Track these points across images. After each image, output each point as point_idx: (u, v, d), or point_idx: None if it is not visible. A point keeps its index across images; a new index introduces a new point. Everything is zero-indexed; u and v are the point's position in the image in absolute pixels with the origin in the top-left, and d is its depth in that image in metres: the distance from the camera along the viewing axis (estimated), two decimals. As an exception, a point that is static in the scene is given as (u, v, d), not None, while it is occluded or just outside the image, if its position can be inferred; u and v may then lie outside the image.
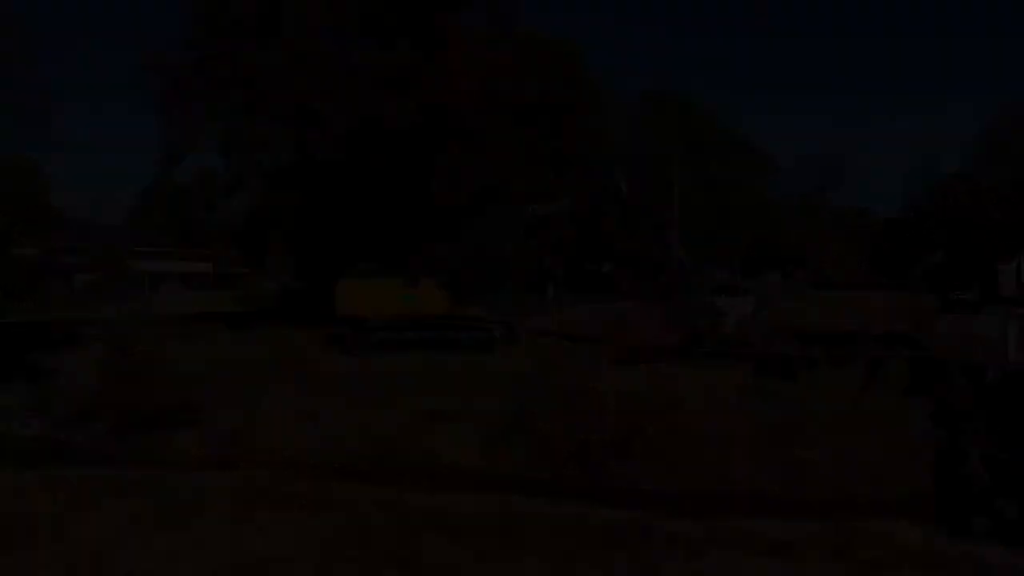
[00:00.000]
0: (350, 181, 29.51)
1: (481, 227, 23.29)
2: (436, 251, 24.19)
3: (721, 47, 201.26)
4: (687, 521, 7.96)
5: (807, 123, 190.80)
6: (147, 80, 25.82)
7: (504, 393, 19.30)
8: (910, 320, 25.52)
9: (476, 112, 29.45)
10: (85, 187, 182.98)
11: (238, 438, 19.11)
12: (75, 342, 25.02)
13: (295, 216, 32.39)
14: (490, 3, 29.72)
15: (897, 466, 15.45)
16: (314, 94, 25.05)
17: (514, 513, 7.98)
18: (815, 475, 15.26)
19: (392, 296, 23.42)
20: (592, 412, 18.14)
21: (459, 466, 17.14)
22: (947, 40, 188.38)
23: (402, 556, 7.12)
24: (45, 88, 71.69)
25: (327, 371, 21.64)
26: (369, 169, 29.98)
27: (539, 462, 17.25)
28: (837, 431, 16.40)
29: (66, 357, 23.17)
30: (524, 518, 7.96)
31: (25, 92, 47.09)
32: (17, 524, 7.71)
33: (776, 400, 17.41)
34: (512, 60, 30.48)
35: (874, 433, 16.29)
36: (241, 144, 26.24)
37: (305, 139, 25.90)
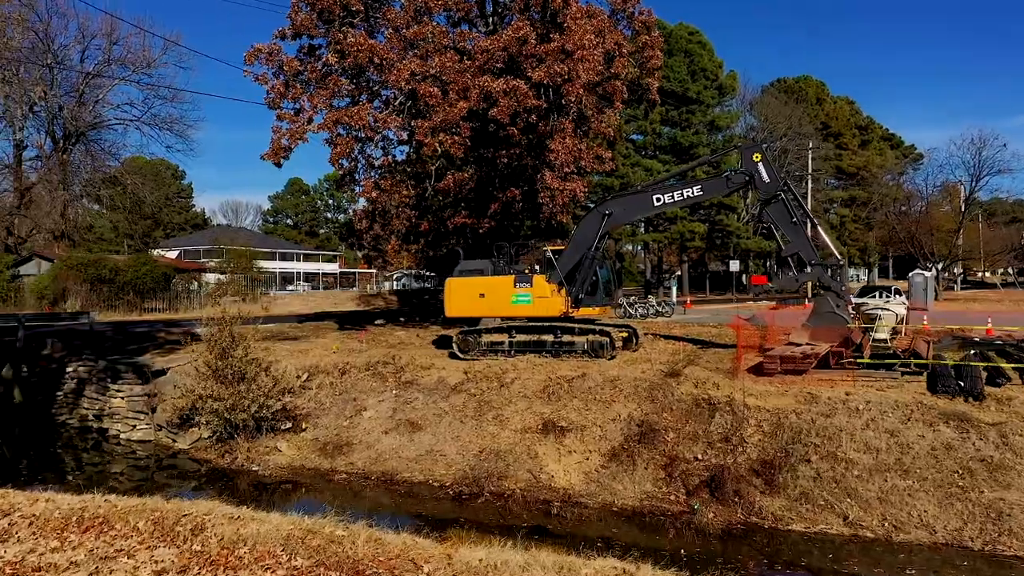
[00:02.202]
0: (461, 173, 28.11)
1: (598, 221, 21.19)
2: (550, 247, 22.27)
3: (861, 27, 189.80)
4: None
5: (952, 108, 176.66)
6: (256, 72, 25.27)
7: (625, 404, 17.09)
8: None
9: (594, 96, 27.35)
10: (223, 190, 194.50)
11: (337, 450, 17.89)
12: (185, 343, 24.84)
13: (407, 211, 31.31)
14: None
15: None
16: (424, 80, 23.76)
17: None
18: (1020, 523, 12.17)
19: (504, 296, 21.87)
20: (729, 431, 15.68)
21: (574, 493, 15.09)
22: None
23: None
24: (191, 95, 75.78)
25: (435, 376, 20.15)
26: (481, 159, 28.47)
27: (666, 486, 15.00)
28: (1045, 466, 13.19)
29: (178, 356, 22.89)
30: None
31: (175, 100, 49.71)
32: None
33: (961, 423, 14.29)
34: (633, 42, 28.21)
35: (1093, 469, 12.98)
36: (349, 135, 25.28)
37: (414, 128, 24.67)
